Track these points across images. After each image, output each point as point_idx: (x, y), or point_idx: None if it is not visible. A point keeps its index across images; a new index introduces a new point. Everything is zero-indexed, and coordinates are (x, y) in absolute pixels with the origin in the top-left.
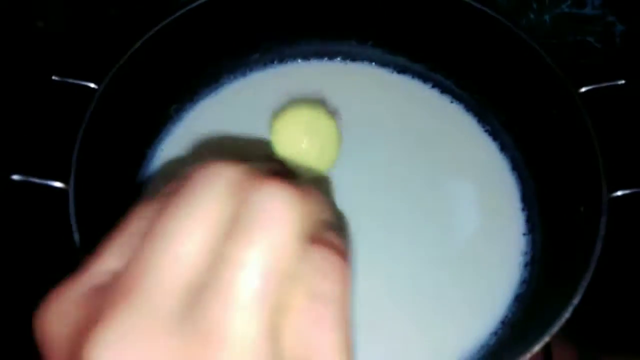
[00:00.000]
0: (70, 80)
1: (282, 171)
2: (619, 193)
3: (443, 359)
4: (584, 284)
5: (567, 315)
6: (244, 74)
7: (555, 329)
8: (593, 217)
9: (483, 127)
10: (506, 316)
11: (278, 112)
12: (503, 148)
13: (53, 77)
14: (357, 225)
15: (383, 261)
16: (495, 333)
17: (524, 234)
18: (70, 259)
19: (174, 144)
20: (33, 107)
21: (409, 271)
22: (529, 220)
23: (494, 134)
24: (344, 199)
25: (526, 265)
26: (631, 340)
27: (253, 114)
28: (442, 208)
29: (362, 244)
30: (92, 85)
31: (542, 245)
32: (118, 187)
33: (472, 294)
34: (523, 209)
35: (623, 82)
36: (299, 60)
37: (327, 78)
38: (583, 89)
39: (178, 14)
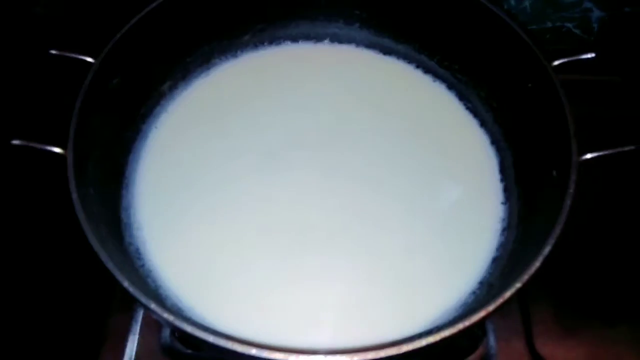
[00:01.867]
0: (68, 54)
1: None
2: (588, 156)
3: (426, 316)
4: (554, 236)
5: (537, 264)
6: (235, 55)
7: (526, 277)
8: (564, 178)
9: (464, 104)
10: (484, 277)
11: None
12: (483, 124)
13: (51, 51)
14: (344, 196)
15: (369, 229)
16: (473, 292)
17: (502, 203)
18: (67, 217)
19: (167, 121)
20: (33, 78)
21: (394, 236)
22: (507, 190)
23: (474, 111)
24: (333, 172)
25: (503, 230)
26: (605, 309)
27: (243, 93)
28: (425, 180)
29: (349, 214)
30: (88, 59)
31: (518, 212)
32: (113, 156)
33: (452, 257)
34: (501, 180)
35: (593, 55)
36: (289, 42)
37: (315, 59)
38: (556, 62)
39: None
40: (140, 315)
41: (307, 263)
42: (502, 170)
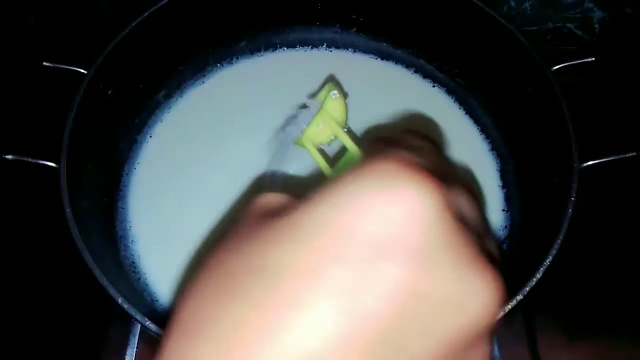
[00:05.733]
0: (61, 66)
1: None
2: (590, 163)
3: None
4: (556, 246)
5: (538, 275)
6: (230, 62)
7: (527, 288)
8: (565, 185)
9: (464, 109)
10: None
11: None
12: (483, 129)
13: (44, 63)
14: None
15: None
16: None
17: (503, 210)
18: (63, 230)
19: (162, 130)
20: (25, 91)
21: None
22: (508, 196)
23: (474, 116)
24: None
25: (505, 238)
26: (609, 317)
27: (239, 101)
28: None
29: None
30: (81, 70)
31: (520, 219)
32: (108, 168)
33: None
34: (502, 187)
35: (593, 59)
36: (285, 48)
37: (312, 65)
38: (556, 67)
39: (165, 1)
40: (137, 328)
41: None
42: (503, 176)
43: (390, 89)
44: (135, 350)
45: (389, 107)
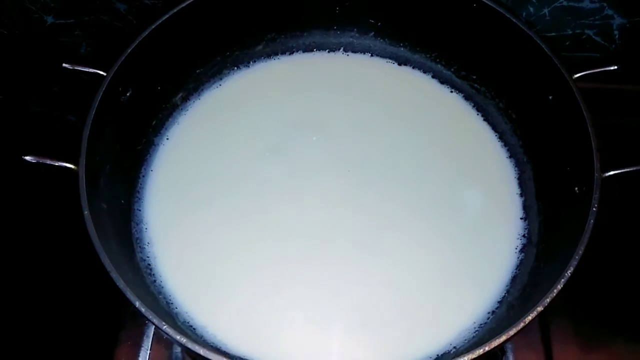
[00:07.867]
0: (80, 68)
1: None
2: (611, 173)
3: (443, 337)
4: (577, 257)
5: (559, 287)
6: (247, 65)
7: (547, 300)
8: (586, 196)
9: (482, 115)
10: (503, 296)
11: None
12: (501, 136)
13: (64, 65)
14: (358, 209)
15: (383, 244)
16: (492, 312)
17: (521, 218)
18: (80, 230)
19: (179, 133)
20: (45, 92)
21: (408, 253)
22: (526, 205)
23: (492, 123)
24: (347, 184)
25: (523, 247)
26: (624, 323)
27: (256, 104)
28: (442, 194)
29: (363, 229)
30: (101, 72)
31: (539, 228)
32: (125, 171)
33: (469, 275)
34: (521, 194)
35: (615, 67)
36: (302, 52)
37: (329, 69)
38: (577, 75)
39: (184, 4)
40: (151, 330)
41: (321, 281)
42: (521, 184)
43: (407, 94)
44: (148, 352)
45: (406, 112)
